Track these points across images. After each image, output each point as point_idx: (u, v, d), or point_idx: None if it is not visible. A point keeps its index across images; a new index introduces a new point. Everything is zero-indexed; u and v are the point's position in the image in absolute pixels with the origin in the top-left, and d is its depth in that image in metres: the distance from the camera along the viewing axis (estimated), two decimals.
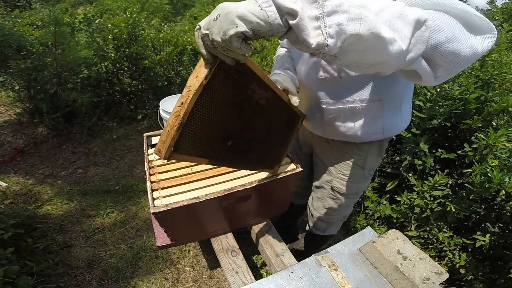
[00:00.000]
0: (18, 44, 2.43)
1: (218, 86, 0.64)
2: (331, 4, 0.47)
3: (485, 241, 1.39)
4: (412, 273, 0.72)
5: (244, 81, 0.70)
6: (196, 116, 0.64)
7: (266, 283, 0.75)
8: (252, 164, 0.96)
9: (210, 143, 0.73)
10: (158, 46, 3.12)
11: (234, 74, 0.66)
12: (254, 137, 0.86)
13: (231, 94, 0.69)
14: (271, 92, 0.80)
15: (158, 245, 1.23)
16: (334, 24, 0.47)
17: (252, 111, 0.78)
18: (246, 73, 0.69)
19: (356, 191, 1.22)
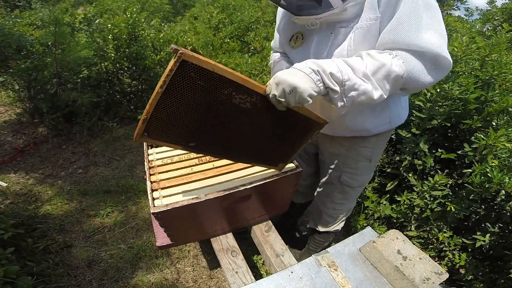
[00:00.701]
0: (18, 44, 2.43)
1: (179, 92, 0.71)
2: (349, 84, 0.76)
3: (485, 241, 1.39)
4: (412, 273, 0.72)
5: (213, 87, 0.73)
6: (158, 114, 0.76)
7: (266, 283, 0.75)
8: (245, 159, 1.04)
9: (181, 135, 0.83)
10: (158, 46, 3.12)
11: (200, 81, 0.71)
12: (239, 136, 0.91)
13: (199, 98, 0.74)
14: (259, 97, 0.82)
15: (158, 245, 1.23)
16: (349, 96, 0.78)
17: (230, 113, 0.82)
18: (216, 80, 0.72)
19: (363, 183, 1.29)
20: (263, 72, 2.60)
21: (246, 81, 0.75)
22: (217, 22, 4.08)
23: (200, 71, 0.68)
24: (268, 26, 4.23)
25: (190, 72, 0.68)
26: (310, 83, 0.74)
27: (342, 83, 0.76)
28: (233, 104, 0.80)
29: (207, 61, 0.68)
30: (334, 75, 0.75)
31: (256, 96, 0.80)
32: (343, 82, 0.76)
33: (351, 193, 1.29)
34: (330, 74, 0.75)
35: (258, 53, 3.33)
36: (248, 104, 0.81)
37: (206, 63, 0.68)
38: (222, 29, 3.84)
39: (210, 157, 1.21)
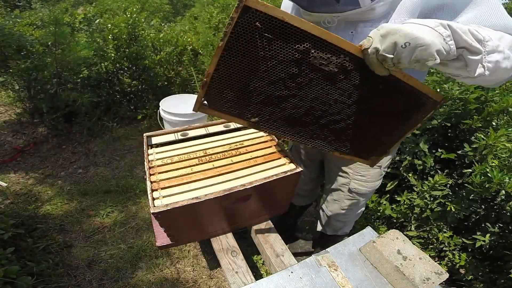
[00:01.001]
0: (18, 44, 2.42)
1: (243, 47, 0.59)
2: (492, 45, 0.60)
3: (485, 241, 1.39)
4: (412, 273, 0.72)
5: (284, 41, 0.59)
6: (220, 76, 0.64)
7: (266, 283, 0.75)
8: (322, 144, 0.83)
9: (246, 105, 0.70)
10: (158, 46, 3.12)
11: (267, 33, 0.58)
12: (318, 112, 0.73)
13: (267, 56, 0.61)
14: (350, 58, 0.62)
15: (158, 245, 1.23)
16: (493, 61, 0.61)
17: (307, 79, 0.65)
18: (289, 32, 0.58)
19: (373, 189, 1.25)
20: None
21: (330, 35, 0.60)
22: (217, 22, 4.08)
23: (268, 20, 0.57)
24: None
25: (255, 21, 0.57)
26: (438, 38, 0.56)
27: (482, 43, 0.59)
28: (311, 65, 0.63)
29: (275, 8, 0.56)
30: (472, 33, 0.58)
31: (345, 56, 0.62)
32: (483, 41, 0.59)
33: (360, 199, 1.26)
34: (468, 31, 0.58)
35: None
36: (332, 66, 0.64)
37: (275, 9, 0.56)
38: (222, 29, 3.84)
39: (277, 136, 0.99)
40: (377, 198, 1.88)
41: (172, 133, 1.37)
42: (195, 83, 3.12)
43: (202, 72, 3.26)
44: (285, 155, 1.26)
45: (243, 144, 1.33)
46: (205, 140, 1.35)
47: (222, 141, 1.35)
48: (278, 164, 1.22)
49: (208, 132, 1.40)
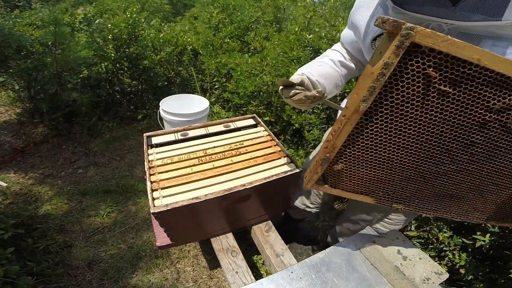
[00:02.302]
0: (18, 44, 2.42)
1: (398, 110, 0.40)
2: None
3: (485, 241, 1.39)
4: (412, 273, 0.72)
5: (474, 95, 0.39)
6: (351, 151, 0.45)
7: (266, 283, 0.75)
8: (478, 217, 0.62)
9: (380, 183, 0.51)
10: (158, 46, 3.12)
11: (448, 86, 0.38)
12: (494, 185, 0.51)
13: (433, 121, 0.41)
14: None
15: (158, 245, 1.23)
16: None
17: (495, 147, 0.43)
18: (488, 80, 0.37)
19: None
20: (263, 72, 2.60)
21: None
22: (217, 22, 4.08)
23: (450, 65, 0.36)
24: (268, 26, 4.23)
25: (425, 68, 0.37)
26: None
27: None
28: (506, 129, 0.42)
29: (466, 45, 0.36)
30: None
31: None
32: None
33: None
34: None
35: (258, 53, 3.33)
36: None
37: (465, 47, 0.35)
38: (222, 29, 3.84)
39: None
40: None
41: (172, 133, 1.37)
42: (195, 83, 3.13)
43: (202, 72, 3.26)
44: (285, 155, 1.26)
45: (243, 144, 1.33)
46: (205, 140, 1.35)
47: (222, 141, 1.35)
48: (278, 164, 1.22)
49: (208, 132, 1.40)
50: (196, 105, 2.28)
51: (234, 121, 1.50)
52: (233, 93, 2.66)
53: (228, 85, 2.82)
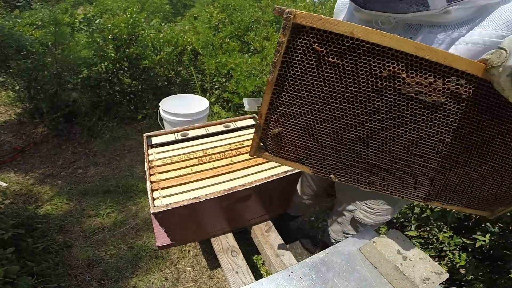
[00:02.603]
0: (18, 44, 2.43)
1: (299, 80, 0.46)
2: None
3: (485, 241, 1.39)
4: (412, 273, 0.72)
5: (360, 66, 0.44)
6: (275, 117, 0.51)
7: (266, 283, 0.75)
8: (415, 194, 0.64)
9: (312, 151, 0.57)
10: (158, 46, 3.12)
11: (332, 58, 0.43)
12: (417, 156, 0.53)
13: (334, 89, 0.46)
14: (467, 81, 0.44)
15: (158, 245, 1.23)
16: None
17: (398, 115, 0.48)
18: (365, 52, 0.43)
19: (379, 222, 1.13)
20: (263, 72, 2.60)
21: (431, 51, 0.42)
22: (217, 22, 4.08)
23: (331, 40, 0.42)
24: (268, 26, 4.23)
25: (312, 44, 0.43)
26: None
27: None
28: (402, 95, 0.45)
29: (338, 22, 0.41)
30: None
31: (459, 78, 0.44)
32: None
33: (363, 229, 1.14)
34: None
35: (258, 53, 3.33)
36: (437, 95, 0.45)
37: (339, 24, 0.41)
38: (222, 29, 3.84)
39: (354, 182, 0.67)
40: None
41: (172, 133, 1.37)
42: (195, 83, 3.13)
43: (202, 72, 3.26)
44: None
45: (243, 144, 1.33)
46: (205, 140, 1.35)
47: (222, 141, 1.35)
48: (278, 164, 1.22)
49: (208, 132, 1.40)
50: (196, 105, 2.28)
51: (234, 121, 1.50)
52: (233, 93, 2.66)
53: (228, 85, 2.82)
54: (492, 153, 0.52)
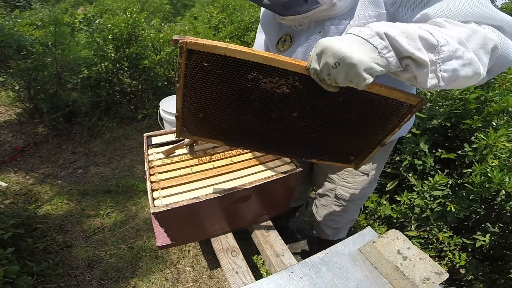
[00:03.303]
0: (18, 44, 2.43)
1: (199, 85, 0.64)
2: (448, 50, 0.51)
3: (485, 241, 1.39)
4: (412, 273, 0.72)
5: (232, 74, 0.62)
6: (188, 110, 0.70)
7: (266, 283, 0.75)
8: (298, 154, 0.86)
9: (220, 130, 0.76)
10: (158, 46, 3.12)
11: (216, 70, 0.61)
12: (288, 128, 0.75)
13: (223, 89, 0.65)
14: (299, 77, 0.62)
15: (158, 245, 1.23)
16: (449, 69, 0.52)
17: (266, 102, 0.67)
18: (233, 65, 0.60)
19: (362, 197, 1.21)
20: None
21: (272, 60, 0.59)
22: (217, 22, 4.08)
23: (212, 58, 0.59)
24: None
25: (201, 62, 0.60)
26: (370, 52, 0.50)
27: (435, 49, 0.51)
28: (264, 90, 0.65)
29: (215, 45, 0.57)
30: (422, 37, 0.51)
31: (293, 76, 0.62)
32: (437, 47, 0.51)
33: (349, 206, 1.23)
34: (418, 37, 0.51)
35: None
36: (284, 88, 0.64)
37: (214, 47, 0.57)
38: (222, 29, 3.84)
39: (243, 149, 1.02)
40: (377, 198, 1.88)
41: (172, 133, 1.37)
42: None
43: None
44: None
45: None
46: None
47: None
48: (278, 164, 1.22)
49: None
50: None
51: None
52: None
53: None
54: (332, 119, 0.73)
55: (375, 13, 0.69)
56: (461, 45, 0.53)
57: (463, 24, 0.57)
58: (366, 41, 0.51)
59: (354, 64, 0.49)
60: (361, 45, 0.51)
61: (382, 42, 0.51)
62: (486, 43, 0.56)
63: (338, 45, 0.50)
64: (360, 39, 0.51)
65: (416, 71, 0.53)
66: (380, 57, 0.51)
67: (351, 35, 0.53)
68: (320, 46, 0.54)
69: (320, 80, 0.58)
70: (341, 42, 0.51)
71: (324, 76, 0.55)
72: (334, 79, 0.54)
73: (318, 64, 0.55)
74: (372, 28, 0.52)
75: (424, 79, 0.53)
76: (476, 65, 0.54)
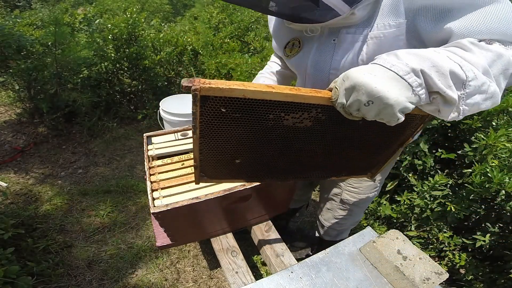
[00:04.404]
0: (18, 44, 2.43)
1: (217, 132, 0.61)
2: (475, 85, 0.50)
3: (485, 241, 1.39)
4: (412, 273, 0.72)
5: (253, 116, 0.59)
6: (206, 158, 0.69)
7: (266, 283, 0.75)
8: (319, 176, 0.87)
9: (241, 171, 0.76)
10: (158, 46, 3.12)
11: (235, 114, 0.57)
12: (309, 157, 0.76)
13: (243, 132, 0.62)
14: (321, 109, 0.61)
15: (158, 245, 1.23)
16: (471, 103, 0.52)
17: (288, 138, 0.67)
18: (254, 106, 0.57)
19: (367, 200, 1.21)
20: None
21: (294, 96, 0.56)
22: (217, 22, 4.08)
23: (230, 102, 0.55)
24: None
25: (218, 108, 0.55)
26: (406, 91, 0.49)
27: (464, 85, 0.50)
28: (287, 127, 0.63)
29: (232, 88, 0.53)
30: (454, 73, 0.49)
31: (316, 108, 0.60)
32: (465, 82, 0.50)
33: (354, 209, 1.23)
34: (449, 72, 0.49)
35: (258, 53, 3.33)
36: (307, 121, 0.63)
37: (232, 90, 0.53)
38: (222, 29, 3.84)
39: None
40: (377, 198, 1.88)
41: (172, 133, 1.37)
42: None
43: (202, 72, 3.26)
44: None
45: None
46: None
47: None
48: None
49: None
50: None
51: None
52: None
53: None
54: (352, 141, 0.74)
55: (395, 23, 0.66)
56: (485, 75, 0.52)
57: (488, 47, 0.55)
58: (401, 78, 0.49)
59: (390, 105, 0.48)
60: (396, 82, 0.49)
61: (418, 80, 0.49)
62: (507, 68, 0.55)
63: (373, 83, 0.48)
64: (395, 75, 0.49)
65: (442, 107, 0.52)
66: (414, 95, 0.50)
67: (383, 69, 0.50)
68: (350, 80, 0.51)
69: (347, 114, 0.56)
70: (375, 78, 0.49)
71: (353, 111, 0.53)
72: (364, 114, 0.52)
73: (346, 99, 0.53)
74: (407, 63, 0.50)
75: (448, 114, 0.53)
76: (497, 97, 0.54)
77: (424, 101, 0.51)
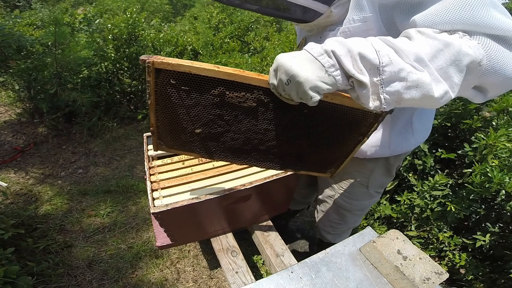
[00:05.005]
0: (18, 44, 2.43)
1: (169, 101, 0.67)
2: (390, 70, 0.50)
3: (485, 241, 1.39)
4: (412, 273, 0.72)
5: (199, 90, 0.65)
6: (162, 124, 0.74)
7: (266, 283, 0.75)
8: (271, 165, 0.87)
9: (194, 143, 0.78)
10: (158, 46, 3.12)
11: (183, 87, 0.64)
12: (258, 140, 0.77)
13: (193, 104, 0.67)
14: (263, 91, 0.65)
15: (158, 245, 1.23)
16: (391, 92, 0.51)
17: (234, 115, 0.70)
18: (199, 81, 0.63)
19: (361, 208, 1.17)
20: (263, 72, 2.60)
21: (236, 75, 0.62)
22: (217, 22, 4.08)
23: (178, 76, 0.62)
24: (268, 26, 4.23)
25: (169, 79, 0.63)
26: (317, 71, 0.51)
27: (378, 70, 0.50)
28: (231, 104, 0.67)
29: (180, 64, 0.61)
30: (364, 57, 0.50)
31: (258, 90, 0.65)
32: (379, 67, 0.50)
33: (347, 215, 1.19)
34: (358, 55, 0.50)
35: (258, 53, 3.33)
36: (250, 102, 0.67)
37: (180, 65, 0.61)
38: (222, 29, 3.84)
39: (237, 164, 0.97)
40: None
41: None
42: None
43: None
44: None
45: None
46: None
47: None
48: None
49: None
50: None
51: None
52: None
53: None
54: (300, 130, 0.74)
55: (359, 17, 0.68)
56: (417, 63, 0.50)
57: (435, 36, 0.52)
58: (315, 59, 0.52)
59: (301, 82, 0.51)
60: (310, 63, 0.52)
61: (330, 60, 0.51)
62: (459, 59, 0.50)
63: (289, 63, 0.52)
64: (311, 56, 0.52)
65: (358, 92, 0.53)
66: (327, 75, 0.52)
67: (305, 52, 0.54)
68: (276, 62, 0.55)
69: (279, 95, 0.60)
70: (294, 59, 0.52)
71: (280, 91, 0.58)
72: (289, 95, 0.56)
73: (274, 80, 0.57)
74: (323, 45, 0.53)
75: (366, 100, 0.53)
76: (426, 87, 0.50)
77: (342, 84, 0.53)
